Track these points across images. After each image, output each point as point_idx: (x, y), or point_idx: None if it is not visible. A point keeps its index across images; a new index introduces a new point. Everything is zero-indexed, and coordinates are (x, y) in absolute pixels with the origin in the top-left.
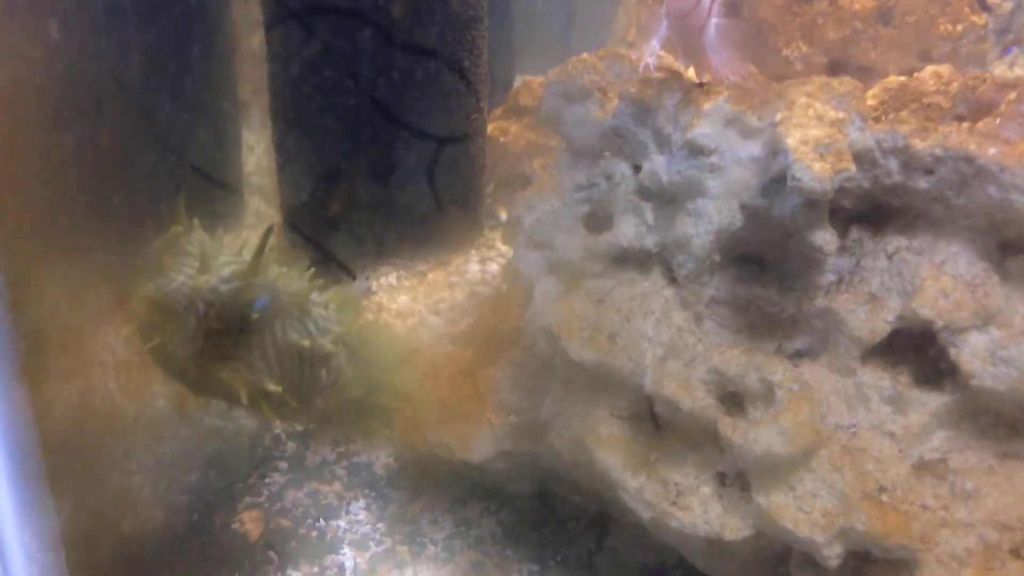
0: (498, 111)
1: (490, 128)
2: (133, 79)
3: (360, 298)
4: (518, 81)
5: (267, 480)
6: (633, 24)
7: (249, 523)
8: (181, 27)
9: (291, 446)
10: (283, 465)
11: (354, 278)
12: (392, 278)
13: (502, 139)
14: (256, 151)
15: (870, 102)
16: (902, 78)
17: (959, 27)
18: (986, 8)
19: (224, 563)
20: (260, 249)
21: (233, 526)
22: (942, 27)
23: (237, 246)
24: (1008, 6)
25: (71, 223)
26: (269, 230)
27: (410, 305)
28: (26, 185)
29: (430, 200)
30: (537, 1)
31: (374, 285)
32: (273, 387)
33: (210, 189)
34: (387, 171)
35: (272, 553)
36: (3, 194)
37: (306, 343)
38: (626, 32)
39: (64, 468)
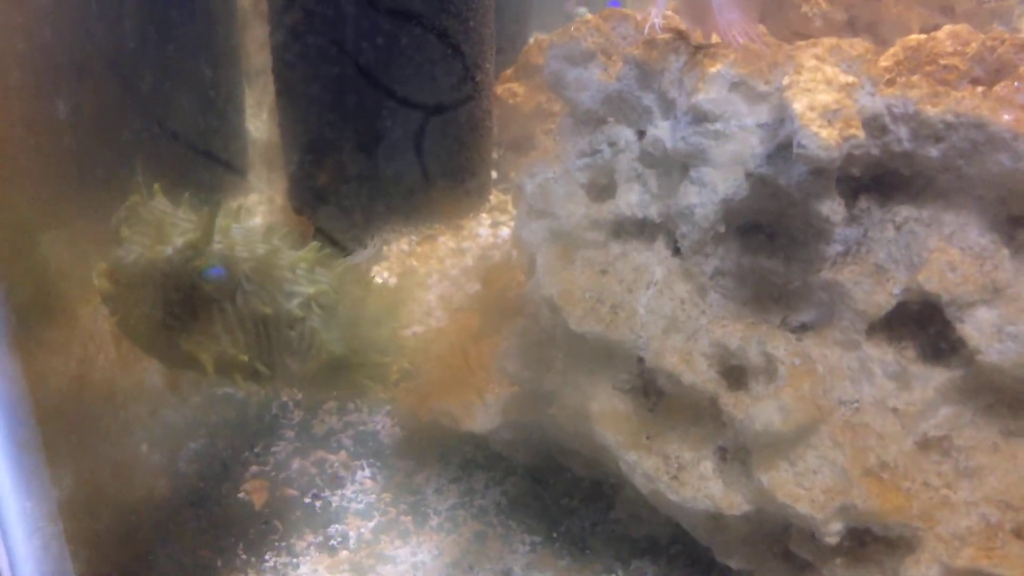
0: (508, 71)
1: (499, 89)
2: (120, 46)
3: (337, 256)
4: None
5: (273, 449)
6: None
7: (255, 492)
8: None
9: (298, 414)
10: (290, 433)
11: (347, 252)
12: (403, 243)
13: (511, 100)
14: (260, 118)
15: (885, 62)
16: (922, 36)
17: None
18: None
19: (229, 532)
20: (211, 217)
21: (239, 495)
22: None
23: (203, 213)
24: None
25: (57, 193)
26: (218, 201)
27: (420, 270)
28: (10, 154)
29: (417, 172)
30: None
31: (385, 249)
32: (238, 356)
33: (197, 159)
34: (373, 142)
35: (277, 522)
36: None
37: (268, 310)
38: None
39: (61, 439)
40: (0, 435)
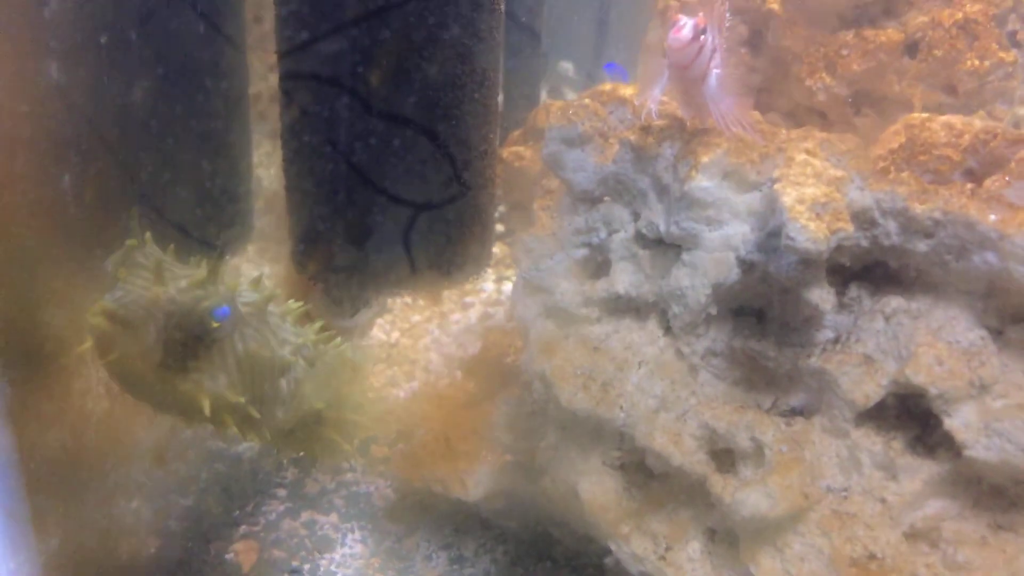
0: (516, 133)
1: (506, 152)
2: (124, 134)
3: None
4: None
5: (264, 508)
6: (661, 41)
7: (243, 553)
8: (179, 81)
9: (292, 472)
10: (282, 492)
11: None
12: (407, 296)
13: (517, 163)
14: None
15: (879, 151)
16: (924, 115)
17: (986, 63)
18: (1016, 44)
19: None
20: (218, 259)
21: (227, 555)
22: (969, 63)
23: (194, 263)
24: None
25: (57, 271)
26: (227, 239)
27: (422, 325)
28: (16, 235)
29: (405, 264)
30: (569, 12)
31: (389, 302)
32: (234, 397)
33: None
34: (363, 235)
35: None
36: None
37: (266, 353)
38: (656, 47)
39: (49, 506)
40: None
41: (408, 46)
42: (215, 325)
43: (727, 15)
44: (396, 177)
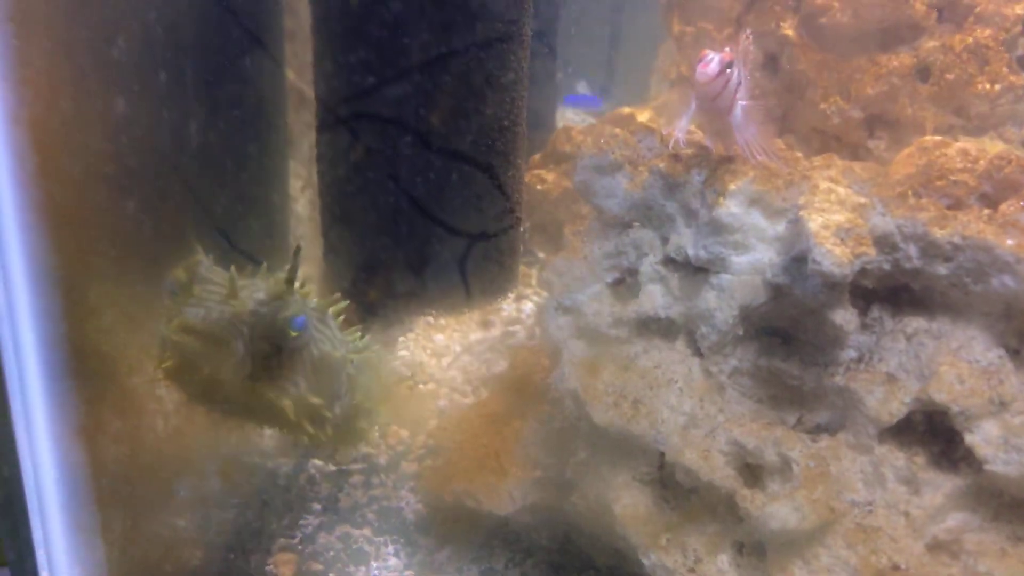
0: (537, 156)
1: (528, 176)
2: (195, 172)
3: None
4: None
5: (301, 521)
6: (674, 65)
7: (282, 565)
8: (239, 127)
9: (325, 487)
10: (316, 506)
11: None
12: (429, 316)
13: (539, 186)
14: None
15: (896, 176)
16: (936, 138)
17: (997, 87)
18: None
19: None
20: (293, 271)
21: (267, 567)
22: (980, 86)
23: (247, 273)
24: None
25: (129, 298)
26: (298, 249)
27: (446, 344)
28: (90, 262)
29: (460, 290)
30: (582, 33)
31: (409, 320)
32: (315, 399)
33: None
34: (422, 264)
35: None
36: (74, 269)
37: (337, 354)
38: (668, 71)
39: (113, 518)
40: (61, 518)
41: (467, 89)
42: (294, 334)
43: (751, 49)
44: (455, 210)
